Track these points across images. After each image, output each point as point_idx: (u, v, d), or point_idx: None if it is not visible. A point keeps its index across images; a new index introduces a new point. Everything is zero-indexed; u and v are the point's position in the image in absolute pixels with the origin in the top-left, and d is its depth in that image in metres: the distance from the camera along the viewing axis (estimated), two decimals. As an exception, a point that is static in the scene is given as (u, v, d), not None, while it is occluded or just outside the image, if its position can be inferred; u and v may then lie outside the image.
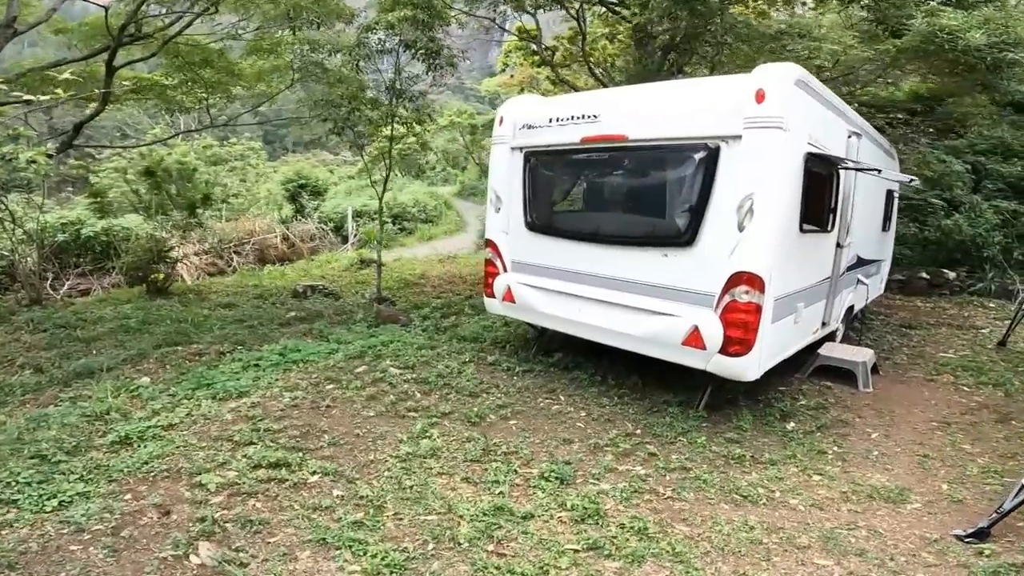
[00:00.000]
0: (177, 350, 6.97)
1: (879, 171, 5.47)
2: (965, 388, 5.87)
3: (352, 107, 8.38)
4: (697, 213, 4.48)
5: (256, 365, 6.12)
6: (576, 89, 12.32)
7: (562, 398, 5.23)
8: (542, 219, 5.66)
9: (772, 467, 4.17)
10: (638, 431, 4.65)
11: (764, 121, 4.12)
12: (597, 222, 5.26)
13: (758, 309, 4.26)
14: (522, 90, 16.26)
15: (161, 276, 11.06)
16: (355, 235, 21.44)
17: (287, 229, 20.21)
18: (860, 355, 5.87)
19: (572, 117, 5.22)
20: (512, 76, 15.19)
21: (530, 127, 5.58)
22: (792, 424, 4.90)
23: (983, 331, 8.08)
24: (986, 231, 10.33)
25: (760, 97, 4.11)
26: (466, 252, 17.65)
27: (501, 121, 5.83)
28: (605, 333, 5.09)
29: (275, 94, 11.48)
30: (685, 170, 4.59)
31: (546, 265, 5.55)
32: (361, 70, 8.86)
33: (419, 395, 5.13)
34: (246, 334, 7.61)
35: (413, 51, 8.52)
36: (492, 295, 6.06)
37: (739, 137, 4.24)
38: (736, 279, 4.28)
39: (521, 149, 5.71)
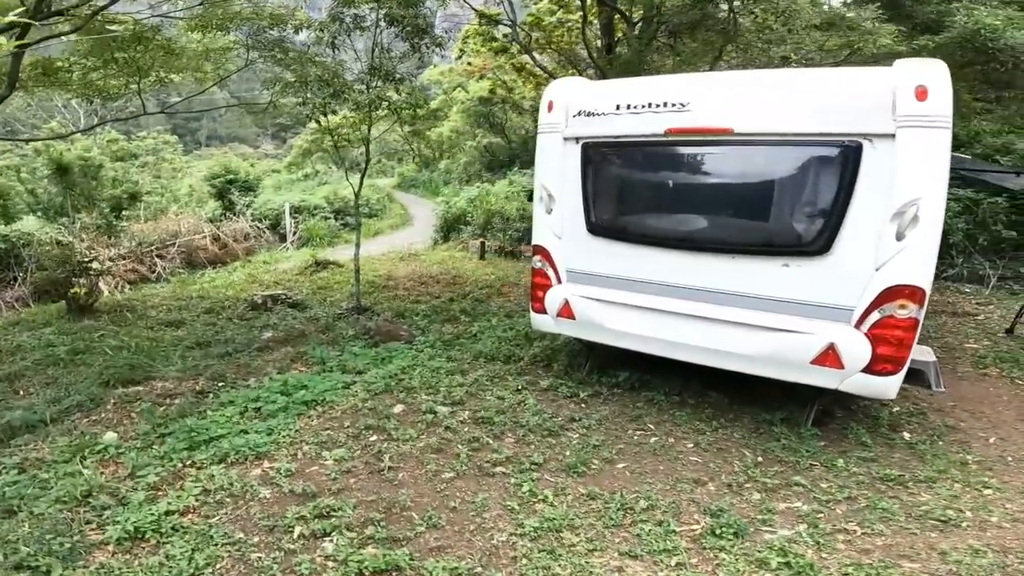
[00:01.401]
0: (137, 391, 5.59)
1: (1019, 172, 5.11)
2: (1019, 381, 5.74)
3: (337, 88, 7.14)
4: (833, 219, 3.87)
5: (257, 409, 4.93)
6: (553, 76, 11.52)
7: (652, 427, 4.48)
8: (610, 222, 4.84)
9: (936, 485, 3.76)
10: (760, 459, 4.04)
11: (928, 120, 3.57)
12: (690, 227, 4.52)
13: (915, 325, 3.73)
14: (480, 78, 15.27)
15: (83, 291, 9.24)
16: (294, 233, 19.62)
17: (217, 228, 18.13)
18: (925, 354, 5.55)
19: (650, 104, 4.44)
20: (470, 64, 14.16)
21: (589, 114, 4.74)
22: (907, 435, 4.47)
23: (978, 317, 8.18)
24: (950, 218, 10.65)
25: (922, 94, 3.55)
26: (423, 247, 16.50)
27: (550, 106, 4.93)
28: (703, 353, 4.40)
29: (222, 78, 9.85)
30: (815, 170, 3.98)
31: (617, 275, 4.75)
32: (338, 47, 7.61)
33: (491, 441, 4.19)
34: (221, 365, 6.29)
35: (399, 28, 7.40)
36: (542, 310, 5.18)
37: (890, 136, 3.66)
38: (893, 293, 3.72)
39: (577, 139, 4.84)
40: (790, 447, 4.16)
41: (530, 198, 6.53)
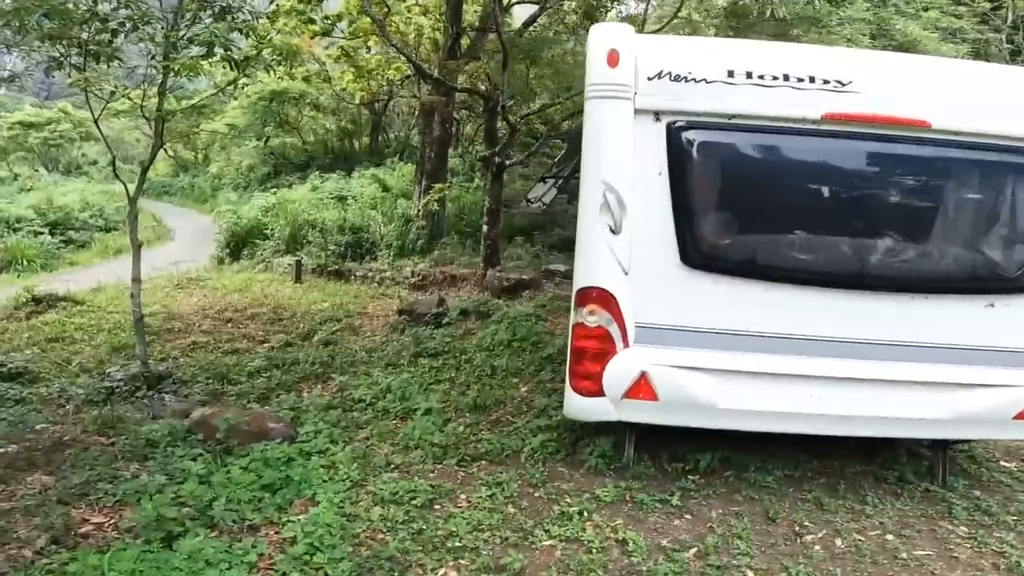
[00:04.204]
0: None
1: None
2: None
3: (134, 19, 3.95)
4: None
5: None
6: (411, 60, 9.11)
7: (809, 524, 3.02)
8: (725, 249, 3.14)
9: None
10: (970, 530, 3.05)
11: None
12: (860, 257, 3.07)
13: None
14: (271, 101, 11.74)
15: None
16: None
17: None
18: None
19: (788, 76, 2.89)
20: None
21: (680, 79, 2.93)
22: (1005, 463, 3.85)
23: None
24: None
25: None
26: (201, 268, 12.31)
27: (613, 58, 2.95)
28: (869, 424, 3.08)
29: None
30: None
31: (738, 330, 3.05)
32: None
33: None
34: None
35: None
36: (595, 392, 3.12)
37: None
38: None
39: (658, 115, 2.97)
40: (971, 507, 3.25)
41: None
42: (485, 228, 9.59)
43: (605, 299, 3.05)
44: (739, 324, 3.04)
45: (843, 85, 2.88)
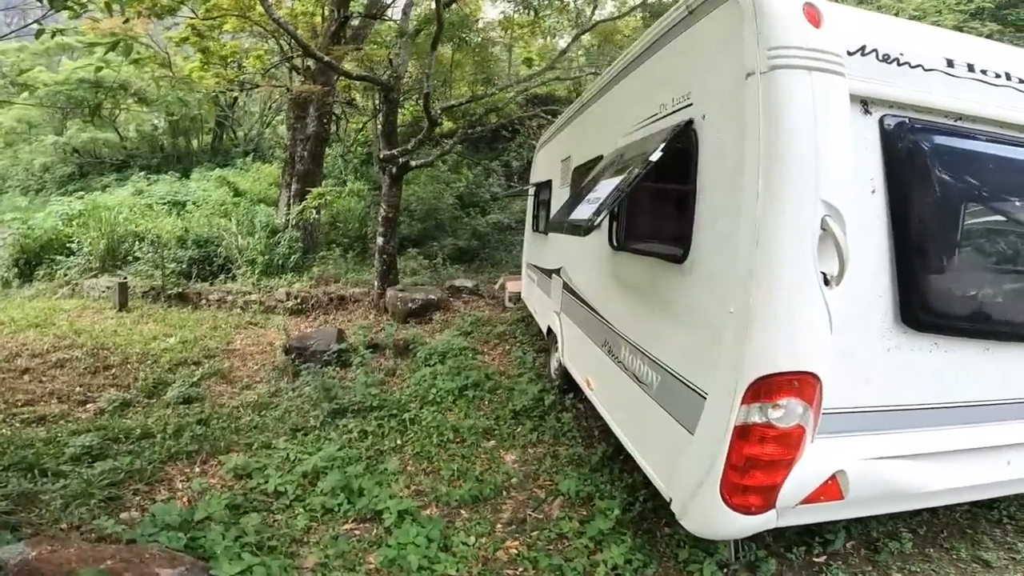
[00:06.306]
0: None
1: None
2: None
3: None
4: None
5: None
6: (297, 45, 7.12)
7: None
8: (961, 302, 2.16)
9: None
10: None
11: None
12: None
13: None
14: (114, 47, 8.62)
15: None
16: None
17: None
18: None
19: (1012, 76, 2.13)
20: (98, 23, 7.55)
21: (894, 61, 1.98)
22: None
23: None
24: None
25: None
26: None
27: (815, 16, 1.84)
28: None
29: None
30: None
31: (949, 401, 2.16)
32: None
33: None
34: None
35: None
36: (764, 508, 1.97)
37: None
38: None
39: (866, 104, 1.97)
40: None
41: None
42: (380, 240, 7.96)
43: (808, 387, 1.89)
44: (957, 395, 2.15)
45: None
